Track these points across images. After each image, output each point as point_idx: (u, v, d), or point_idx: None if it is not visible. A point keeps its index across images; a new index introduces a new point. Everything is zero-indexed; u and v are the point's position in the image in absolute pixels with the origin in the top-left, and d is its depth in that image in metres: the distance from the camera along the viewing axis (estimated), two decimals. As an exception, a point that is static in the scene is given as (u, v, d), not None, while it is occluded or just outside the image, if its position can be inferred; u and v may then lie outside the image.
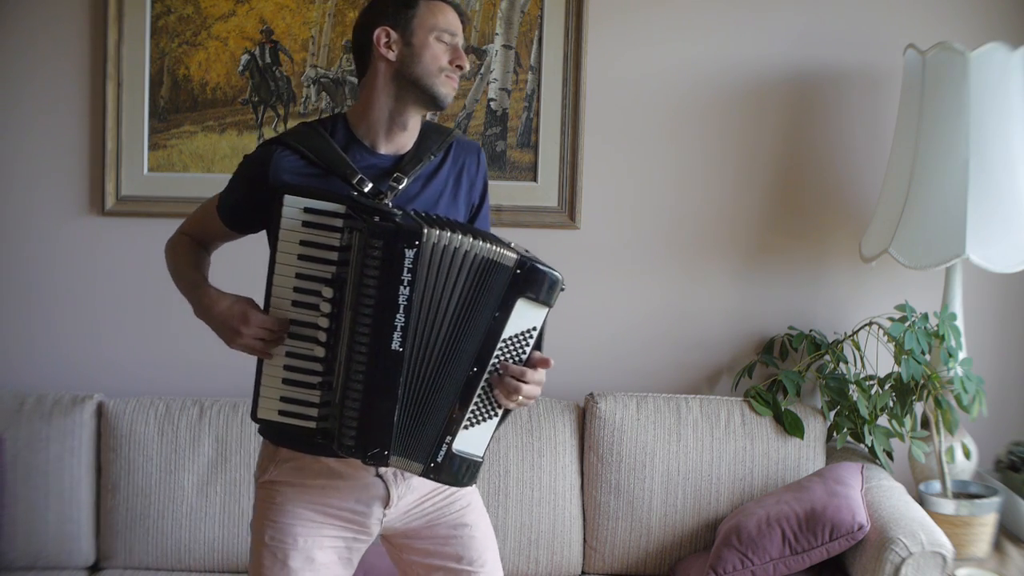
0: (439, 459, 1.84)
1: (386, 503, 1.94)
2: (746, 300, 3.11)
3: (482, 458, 1.90)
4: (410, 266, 1.75)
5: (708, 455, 2.82)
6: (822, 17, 3.05)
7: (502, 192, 2.96)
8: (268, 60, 3.04)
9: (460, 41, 1.96)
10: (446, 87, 1.94)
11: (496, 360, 1.85)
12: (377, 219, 1.76)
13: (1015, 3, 3.06)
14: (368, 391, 1.77)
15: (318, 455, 1.91)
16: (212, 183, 3.01)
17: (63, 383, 3.00)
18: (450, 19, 1.95)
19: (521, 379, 1.84)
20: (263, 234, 1.97)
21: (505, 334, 1.84)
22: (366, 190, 1.87)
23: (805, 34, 3.05)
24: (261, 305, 1.87)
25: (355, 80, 2.04)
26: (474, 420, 1.87)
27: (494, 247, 1.82)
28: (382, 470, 1.92)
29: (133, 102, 3.02)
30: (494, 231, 2.00)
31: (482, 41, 3.04)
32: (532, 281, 1.83)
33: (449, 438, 1.84)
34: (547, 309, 1.87)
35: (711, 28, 3.05)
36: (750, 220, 3.10)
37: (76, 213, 3.05)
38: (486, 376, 1.84)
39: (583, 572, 2.86)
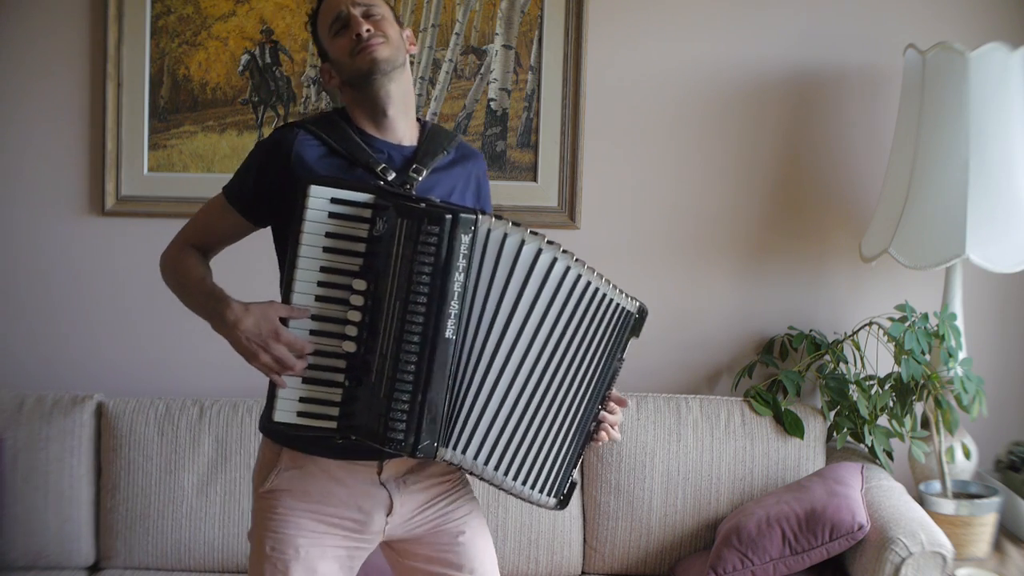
0: (565, 492, 1.93)
1: (389, 511, 1.92)
2: (746, 300, 3.11)
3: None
4: (466, 252, 1.72)
5: (708, 455, 2.82)
6: (822, 17, 3.05)
7: (502, 192, 2.96)
8: (268, 60, 3.04)
9: (353, 11, 1.90)
10: (360, 62, 1.89)
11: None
12: (424, 206, 1.72)
13: (1015, 3, 3.06)
14: (418, 381, 1.73)
15: (324, 456, 1.88)
16: (212, 183, 3.00)
17: (63, 383, 3.00)
18: (328, 7, 1.93)
19: (614, 425, 1.96)
20: (256, 235, 1.96)
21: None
22: (390, 179, 1.86)
23: (805, 34, 3.05)
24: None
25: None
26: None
27: (604, 284, 1.87)
28: (384, 477, 1.90)
29: (133, 102, 3.02)
30: None
31: (482, 41, 3.04)
32: (640, 324, 1.95)
33: (574, 471, 1.93)
34: None
35: (711, 28, 3.05)
36: (750, 220, 3.10)
37: (76, 213, 3.05)
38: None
39: (583, 572, 2.86)
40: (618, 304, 1.89)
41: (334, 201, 1.74)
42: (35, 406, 2.81)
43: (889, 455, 2.86)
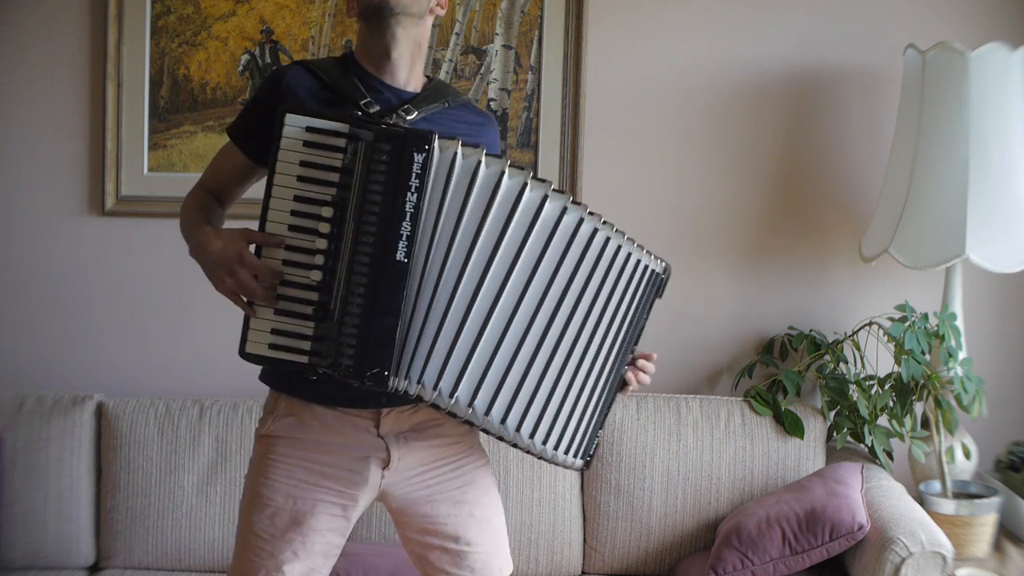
0: (591, 454, 1.90)
1: (385, 464, 1.89)
2: (746, 300, 3.11)
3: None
4: (418, 171, 1.67)
5: (708, 455, 2.82)
6: (822, 17, 3.05)
7: (502, 192, 2.96)
8: (268, 60, 3.04)
9: None
10: None
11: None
12: (383, 126, 1.70)
13: (1015, 3, 3.06)
14: (368, 305, 1.67)
15: (315, 402, 1.86)
16: (212, 183, 3.03)
17: (63, 383, 3.00)
18: None
19: (644, 380, 1.96)
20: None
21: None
22: (372, 111, 1.84)
23: (805, 34, 3.05)
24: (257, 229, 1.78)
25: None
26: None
27: (610, 228, 1.85)
28: (383, 431, 1.87)
29: (133, 102, 3.02)
30: None
31: (482, 41, 3.04)
32: (665, 284, 1.94)
33: (600, 432, 1.90)
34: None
35: (711, 28, 3.05)
36: (750, 220, 3.10)
37: (76, 213, 3.05)
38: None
39: (583, 572, 2.86)
40: (639, 260, 1.87)
41: (309, 130, 1.72)
42: (35, 406, 2.80)
43: (889, 455, 2.86)
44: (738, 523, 2.58)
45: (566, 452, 1.85)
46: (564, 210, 1.77)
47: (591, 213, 1.80)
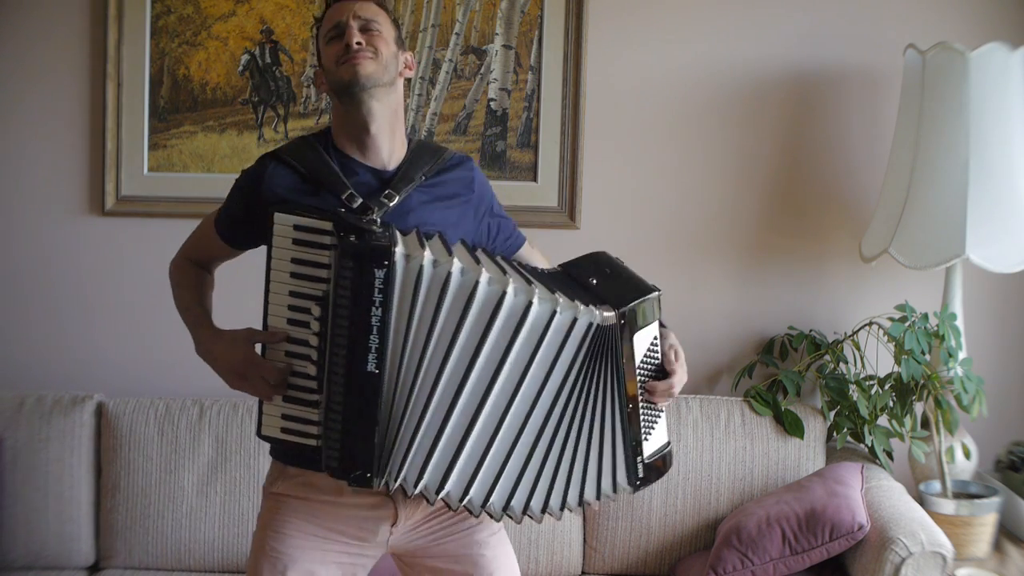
0: (640, 476, 1.88)
1: (393, 521, 1.91)
2: (746, 300, 3.11)
3: (668, 440, 1.96)
4: (380, 287, 1.71)
5: (708, 455, 2.82)
6: (822, 17, 3.05)
7: (502, 192, 2.91)
8: (268, 60, 3.04)
9: (352, 22, 1.89)
10: (342, 72, 1.88)
11: (642, 379, 1.87)
12: (352, 238, 1.72)
13: (1015, 3, 3.06)
14: (347, 413, 1.74)
15: (319, 470, 1.88)
16: (212, 183, 3.03)
17: (63, 383, 3.00)
18: (332, 15, 1.93)
19: (671, 391, 1.89)
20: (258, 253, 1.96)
21: (637, 360, 1.85)
22: (355, 206, 1.85)
23: (805, 34, 3.05)
24: (260, 323, 1.85)
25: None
26: (648, 431, 1.90)
27: (557, 297, 1.74)
28: (391, 491, 1.88)
29: (133, 102, 3.02)
30: None
31: (482, 41, 3.04)
32: (635, 321, 1.82)
33: (639, 458, 1.88)
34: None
35: (711, 28, 3.05)
36: (750, 220, 3.10)
37: (76, 213, 3.05)
38: (642, 405, 1.87)
39: (583, 572, 2.86)
40: (575, 318, 1.76)
41: (296, 228, 1.79)
42: (35, 406, 2.80)
43: (889, 455, 2.86)
44: (738, 523, 2.58)
45: (561, 509, 1.86)
46: (554, 313, 1.75)
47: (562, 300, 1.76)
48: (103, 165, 3.02)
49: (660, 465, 1.93)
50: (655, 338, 1.90)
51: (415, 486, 1.78)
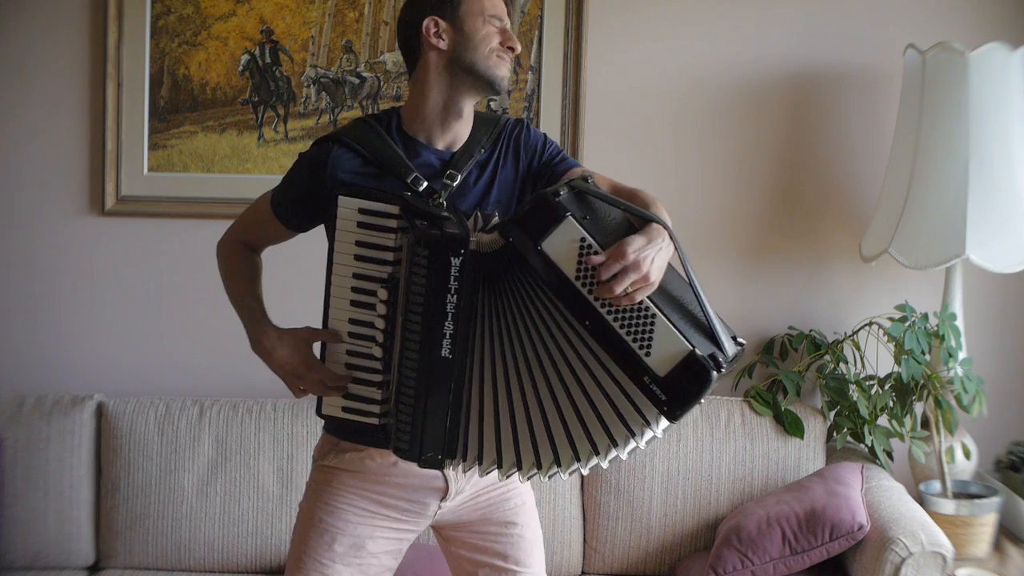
0: (662, 398, 1.62)
1: (444, 496, 1.93)
2: (746, 300, 3.11)
3: (689, 346, 1.64)
4: (456, 274, 1.71)
5: (708, 455, 2.82)
6: (822, 17, 3.05)
7: (502, 192, 2.96)
8: (268, 60, 3.04)
9: (507, 24, 1.95)
10: (501, 68, 1.93)
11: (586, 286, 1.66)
12: (424, 224, 1.73)
13: (1015, 3, 3.06)
14: (419, 395, 1.74)
15: (381, 447, 1.90)
16: (212, 183, 3.03)
17: (63, 383, 3.01)
18: (496, 2, 1.94)
19: (623, 275, 1.61)
20: (314, 232, 1.98)
21: (569, 271, 1.66)
22: (420, 189, 1.85)
23: (805, 34, 3.05)
24: (321, 305, 1.85)
25: (355, 80, 2.04)
26: (643, 341, 1.65)
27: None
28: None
29: (133, 102, 3.02)
30: None
31: (482, 41, 3.04)
32: (532, 232, 1.69)
33: (647, 378, 1.63)
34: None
35: (711, 28, 3.05)
36: (750, 220, 3.10)
37: (76, 213, 3.05)
38: (604, 314, 1.65)
39: (583, 572, 2.86)
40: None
41: (361, 211, 1.79)
42: (35, 406, 2.80)
43: (889, 455, 2.86)
44: (738, 523, 2.58)
45: (599, 455, 1.72)
46: None
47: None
48: (103, 165, 3.02)
49: (683, 380, 1.63)
50: (583, 239, 1.66)
51: (477, 463, 1.77)
